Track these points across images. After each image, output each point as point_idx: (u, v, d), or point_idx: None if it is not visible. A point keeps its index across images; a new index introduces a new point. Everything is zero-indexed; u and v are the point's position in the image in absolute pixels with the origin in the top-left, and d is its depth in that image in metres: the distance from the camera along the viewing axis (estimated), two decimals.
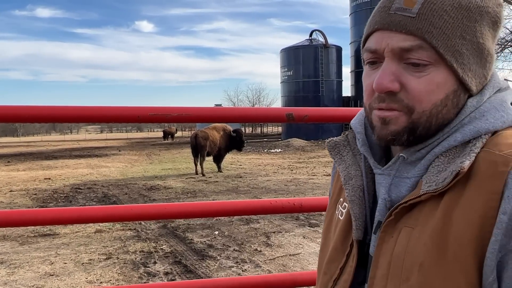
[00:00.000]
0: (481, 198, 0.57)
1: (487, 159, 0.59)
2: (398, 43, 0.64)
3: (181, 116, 1.32)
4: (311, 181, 11.35)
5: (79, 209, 1.60)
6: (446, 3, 0.63)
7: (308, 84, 38.35)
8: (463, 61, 0.64)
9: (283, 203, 1.45)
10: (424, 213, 0.62)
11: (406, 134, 0.66)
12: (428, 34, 0.63)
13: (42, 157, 23.88)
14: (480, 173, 0.59)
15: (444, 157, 0.64)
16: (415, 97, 0.64)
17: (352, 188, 0.76)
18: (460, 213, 0.57)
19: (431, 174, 0.64)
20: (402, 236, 0.63)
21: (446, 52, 0.63)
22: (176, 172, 14.67)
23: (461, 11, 0.63)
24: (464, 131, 0.64)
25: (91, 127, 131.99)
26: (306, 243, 5.57)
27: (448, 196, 0.60)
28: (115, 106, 1.34)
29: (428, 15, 0.63)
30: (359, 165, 0.78)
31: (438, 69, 0.64)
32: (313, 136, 33.78)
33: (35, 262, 5.02)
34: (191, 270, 4.62)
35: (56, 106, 1.30)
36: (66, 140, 56.34)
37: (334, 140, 0.83)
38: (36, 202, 9.17)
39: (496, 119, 0.64)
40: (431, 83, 0.64)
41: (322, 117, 1.47)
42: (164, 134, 45.98)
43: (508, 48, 16.92)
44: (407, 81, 0.64)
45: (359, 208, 0.74)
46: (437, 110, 0.65)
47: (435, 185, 0.61)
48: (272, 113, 1.49)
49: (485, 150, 0.61)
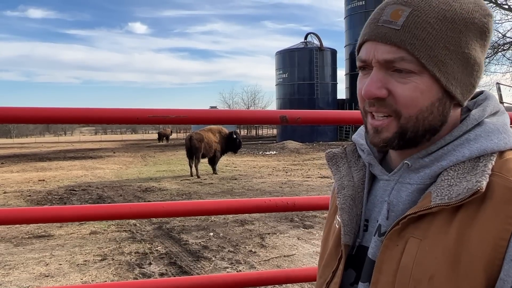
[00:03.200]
0: (497, 221, 0.60)
1: (503, 185, 0.63)
2: (383, 55, 0.69)
3: (179, 118, 1.36)
4: (306, 183, 11.40)
5: (73, 207, 1.63)
6: (430, 15, 0.66)
7: (303, 86, 38.52)
8: (446, 70, 0.67)
9: (277, 202, 1.49)
10: (435, 226, 0.65)
11: (397, 139, 0.71)
12: (410, 45, 0.66)
13: (36, 158, 23.76)
14: (496, 196, 0.62)
15: (454, 171, 0.68)
16: (402, 103, 0.69)
17: (343, 197, 0.82)
18: (475, 233, 0.60)
19: (441, 187, 0.67)
20: (410, 247, 0.66)
21: (428, 62, 0.66)
22: (171, 174, 14.67)
23: (445, 23, 0.66)
24: (472, 148, 0.68)
25: (85, 128, 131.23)
26: (301, 244, 5.61)
27: (462, 213, 0.63)
28: (114, 108, 1.38)
29: (412, 27, 0.66)
30: (353, 177, 0.84)
31: (422, 78, 0.68)
32: (308, 139, 33.91)
33: (30, 263, 5.02)
34: (186, 271, 4.65)
35: (56, 108, 1.33)
36: (60, 142, 56.04)
37: (333, 152, 0.90)
38: (30, 203, 9.13)
39: (500, 140, 0.68)
40: (415, 90, 0.68)
41: (314, 119, 1.52)
42: (159, 136, 45.94)
43: (501, 52, 17.11)
44: (393, 87, 0.69)
45: (348, 215, 0.80)
46: (423, 116, 0.69)
47: (448, 198, 0.64)
48: (267, 116, 1.54)
49: (498, 174, 0.64)
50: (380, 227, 0.74)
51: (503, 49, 17.09)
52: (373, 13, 0.74)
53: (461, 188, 0.64)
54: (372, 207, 0.80)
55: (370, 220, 0.79)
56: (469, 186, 0.63)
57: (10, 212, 1.55)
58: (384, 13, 0.69)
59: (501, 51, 17.03)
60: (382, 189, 0.78)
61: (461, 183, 0.65)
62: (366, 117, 0.76)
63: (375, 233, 0.75)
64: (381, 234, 0.73)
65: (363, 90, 0.70)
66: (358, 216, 0.80)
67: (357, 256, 0.78)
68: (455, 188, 0.65)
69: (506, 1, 16.97)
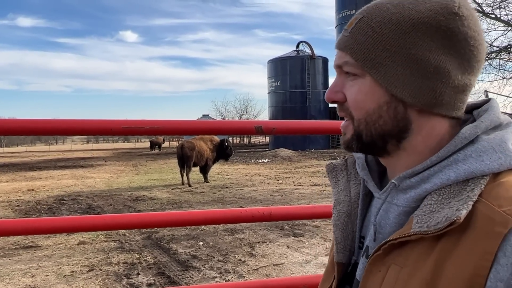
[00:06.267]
0: (474, 256, 0.55)
1: (485, 214, 0.57)
2: (336, 61, 0.72)
3: (153, 129, 1.37)
4: (297, 191, 11.41)
5: (60, 219, 1.62)
6: (374, 20, 0.66)
7: (295, 94, 38.70)
8: (386, 72, 0.65)
9: (253, 212, 1.50)
10: (415, 254, 0.61)
11: (355, 141, 0.71)
12: (350, 49, 0.68)
13: (26, 168, 23.52)
14: (476, 228, 0.56)
15: (437, 195, 0.63)
16: (351, 105, 0.70)
17: (338, 213, 0.79)
18: (452, 266, 0.56)
19: (422, 212, 0.62)
20: (390, 274, 0.63)
21: (365, 65, 0.66)
22: (162, 182, 14.59)
23: (388, 25, 0.65)
24: (458, 170, 0.62)
25: (77, 137, 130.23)
26: (290, 253, 5.60)
27: (443, 243, 0.59)
28: (88, 120, 1.38)
29: (355, 33, 0.68)
30: (350, 191, 0.80)
31: (365, 80, 0.68)
32: (300, 146, 33.99)
33: (16, 274, 4.95)
34: (175, 281, 4.61)
35: (30, 120, 1.33)
36: (51, 151, 55.56)
37: (333, 164, 0.86)
38: (19, 214, 9.03)
39: (493, 161, 0.61)
40: (359, 93, 0.68)
41: (289, 129, 1.54)
42: (151, 144, 45.73)
43: (488, 61, 17.37)
44: (345, 91, 0.71)
45: (342, 232, 0.77)
46: (372, 119, 0.68)
47: (427, 226, 0.59)
48: (242, 126, 1.55)
49: (484, 202, 0.58)
50: (368, 248, 0.72)
51: (489, 58, 17.35)
52: None
53: (441, 216, 0.59)
54: (368, 224, 0.76)
55: (366, 237, 0.76)
56: (448, 215, 0.58)
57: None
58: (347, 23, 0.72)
59: (488, 59, 17.29)
60: (374, 207, 0.75)
61: (444, 210, 0.60)
62: None
63: (363, 254, 0.73)
64: (368, 256, 0.70)
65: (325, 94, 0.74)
66: (354, 232, 0.78)
67: (352, 273, 0.76)
68: (436, 215, 0.60)
69: (493, 10, 17.27)
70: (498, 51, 17.58)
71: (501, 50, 17.55)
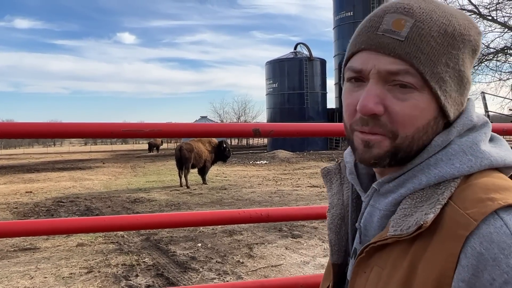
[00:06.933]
0: (441, 257, 0.57)
1: (452, 217, 0.59)
2: (385, 66, 0.63)
3: (152, 132, 1.40)
4: (295, 192, 11.43)
5: (58, 220, 1.64)
6: (434, 29, 0.63)
7: (293, 96, 38.76)
8: (445, 88, 0.64)
9: (251, 213, 1.52)
10: (393, 257, 0.63)
11: (389, 158, 0.66)
12: (416, 59, 0.62)
13: (23, 170, 23.48)
14: (443, 231, 0.58)
15: (411, 199, 0.64)
16: (399, 122, 0.64)
17: (331, 217, 0.81)
18: (423, 267, 0.58)
19: (398, 217, 0.64)
20: (373, 275, 0.66)
21: (431, 79, 0.63)
22: (160, 184, 14.59)
23: (447, 38, 0.63)
24: (430, 175, 0.63)
25: (75, 139, 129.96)
26: (288, 254, 5.62)
27: (416, 245, 0.61)
28: (89, 123, 1.40)
29: (417, 40, 0.62)
30: (343, 195, 0.81)
31: (422, 95, 0.63)
32: (299, 148, 34.05)
33: (14, 277, 4.95)
34: (173, 282, 4.62)
35: (32, 123, 1.35)
36: (49, 153, 55.44)
37: (327, 168, 0.86)
38: (17, 216, 9.02)
39: (463, 164, 0.63)
40: (415, 109, 0.63)
41: (287, 132, 1.56)
42: (149, 146, 45.68)
43: (484, 62, 17.46)
44: (391, 104, 0.64)
45: (335, 235, 0.80)
46: (419, 136, 0.65)
47: (400, 230, 0.61)
48: (239, 129, 1.58)
49: (452, 205, 0.60)
50: (355, 250, 0.74)
51: (487, 59, 17.44)
52: (368, 20, 0.68)
53: (413, 220, 0.61)
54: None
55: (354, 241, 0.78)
56: (418, 219, 0.60)
57: None
58: (384, 21, 0.64)
59: (485, 61, 17.38)
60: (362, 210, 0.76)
61: (416, 213, 0.62)
62: (352, 135, 0.70)
63: (352, 256, 0.75)
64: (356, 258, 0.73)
65: (358, 104, 0.65)
66: (348, 234, 0.79)
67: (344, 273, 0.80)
68: (409, 219, 0.62)
69: (490, 12, 17.37)
70: (495, 53, 17.67)
71: (497, 51, 17.64)
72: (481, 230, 0.55)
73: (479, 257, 0.54)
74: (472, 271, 0.54)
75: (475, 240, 0.55)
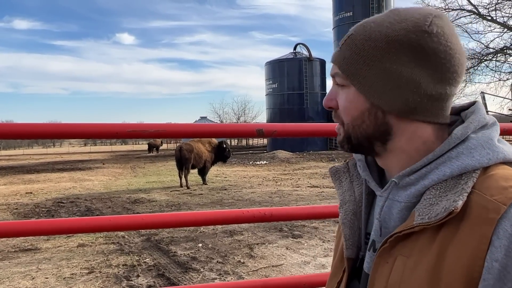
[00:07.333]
0: (472, 241, 0.62)
1: (479, 203, 0.64)
2: (331, 71, 0.82)
3: (157, 132, 1.41)
4: (295, 192, 11.44)
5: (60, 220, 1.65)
6: (359, 37, 0.75)
7: (293, 96, 38.74)
8: (366, 83, 0.74)
9: (254, 212, 1.54)
10: (419, 244, 0.68)
11: (346, 142, 0.81)
12: (339, 63, 0.78)
13: (23, 171, 23.48)
14: (472, 216, 0.64)
15: (435, 190, 0.70)
16: (341, 112, 0.80)
17: (344, 212, 0.86)
18: (453, 251, 0.63)
19: (423, 206, 0.69)
20: (397, 265, 0.69)
21: (349, 76, 0.76)
22: (160, 185, 14.60)
23: (368, 42, 0.73)
24: (452, 166, 0.69)
25: (74, 140, 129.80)
26: (289, 254, 5.63)
27: (443, 232, 0.65)
28: (94, 123, 1.41)
29: (344, 48, 0.77)
30: (354, 191, 0.87)
31: (350, 90, 0.77)
32: (298, 148, 34.03)
33: (16, 277, 4.96)
34: (174, 283, 4.64)
35: (37, 124, 1.36)
36: (49, 154, 55.42)
37: (336, 167, 0.93)
38: (17, 216, 9.03)
39: (482, 157, 0.69)
40: (346, 101, 0.78)
41: (289, 132, 1.57)
42: (149, 147, 45.66)
43: (484, 62, 17.48)
44: (337, 99, 0.80)
45: (350, 230, 0.84)
46: (357, 124, 0.77)
47: (428, 218, 0.66)
48: (243, 129, 1.59)
49: (477, 192, 0.66)
50: (374, 243, 0.78)
51: (486, 60, 17.46)
52: None
53: (440, 208, 0.66)
54: (372, 221, 0.82)
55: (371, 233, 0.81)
56: (446, 206, 0.65)
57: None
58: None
59: (484, 61, 17.40)
60: (377, 204, 0.81)
61: (442, 202, 0.67)
62: None
63: (369, 248, 0.79)
64: (375, 250, 0.76)
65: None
66: (360, 229, 0.84)
67: (360, 268, 0.82)
68: (435, 207, 0.67)
69: (489, 12, 17.39)
70: (494, 53, 17.69)
71: (497, 51, 17.66)
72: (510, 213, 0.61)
73: (510, 238, 0.59)
74: (504, 251, 0.59)
75: (506, 223, 0.60)
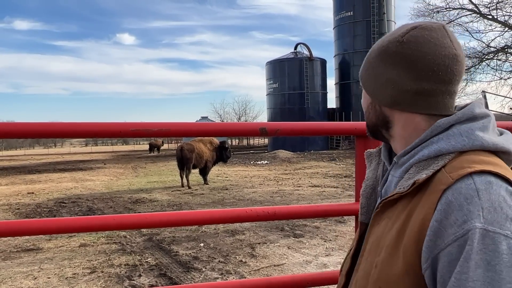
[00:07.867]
0: (425, 207, 0.78)
1: (439, 178, 0.79)
2: None
3: (161, 131, 1.41)
4: (297, 192, 11.45)
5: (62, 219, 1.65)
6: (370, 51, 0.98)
7: (293, 96, 38.72)
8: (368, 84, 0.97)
9: (258, 211, 1.54)
10: (398, 210, 0.84)
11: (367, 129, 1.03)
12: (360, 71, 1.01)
13: (25, 171, 23.51)
14: (430, 188, 0.79)
15: (416, 167, 0.86)
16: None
17: (365, 186, 1.05)
18: (414, 216, 0.79)
19: (404, 180, 0.86)
20: (383, 224, 0.88)
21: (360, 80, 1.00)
22: (162, 185, 14.61)
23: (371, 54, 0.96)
24: (430, 149, 0.84)
25: (75, 140, 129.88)
26: (291, 253, 5.64)
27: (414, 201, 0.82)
28: (98, 122, 1.42)
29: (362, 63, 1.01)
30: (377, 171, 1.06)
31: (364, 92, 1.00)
32: (299, 148, 34.02)
33: (18, 277, 4.97)
34: (176, 282, 4.64)
35: (39, 123, 1.37)
36: (50, 154, 55.47)
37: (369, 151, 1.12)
38: (19, 217, 9.04)
39: (457, 143, 0.82)
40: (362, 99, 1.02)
41: (292, 131, 1.58)
42: (150, 147, 45.65)
43: (485, 61, 17.45)
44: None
45: (366, 200, 1.03)
46: (367, 115, 1.00)
47: (402, 188, 0.84)
48: (247, 128, 1.59)
49: (442, 171, 0.80)
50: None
51: (487, 58, 17.44)
52: None
53: (412, 181, 0.83)
54: None
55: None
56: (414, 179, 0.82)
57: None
58: None
59: (485, 60, 17.38)
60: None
61: (415, 176, 0.83)
62: None
63: None
64: None
65: None
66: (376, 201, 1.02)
67: None
68: (410, 181, 0.84)
69: (490, 11, 17.37)
70: (495, 52, 17.67)
71: (498, 50, 17.64)
72: (455, 185, 0.75)
73: (449, 203, 0.74)
74: (443, 213, 0.74)
75: (449, 192, 0.75)
